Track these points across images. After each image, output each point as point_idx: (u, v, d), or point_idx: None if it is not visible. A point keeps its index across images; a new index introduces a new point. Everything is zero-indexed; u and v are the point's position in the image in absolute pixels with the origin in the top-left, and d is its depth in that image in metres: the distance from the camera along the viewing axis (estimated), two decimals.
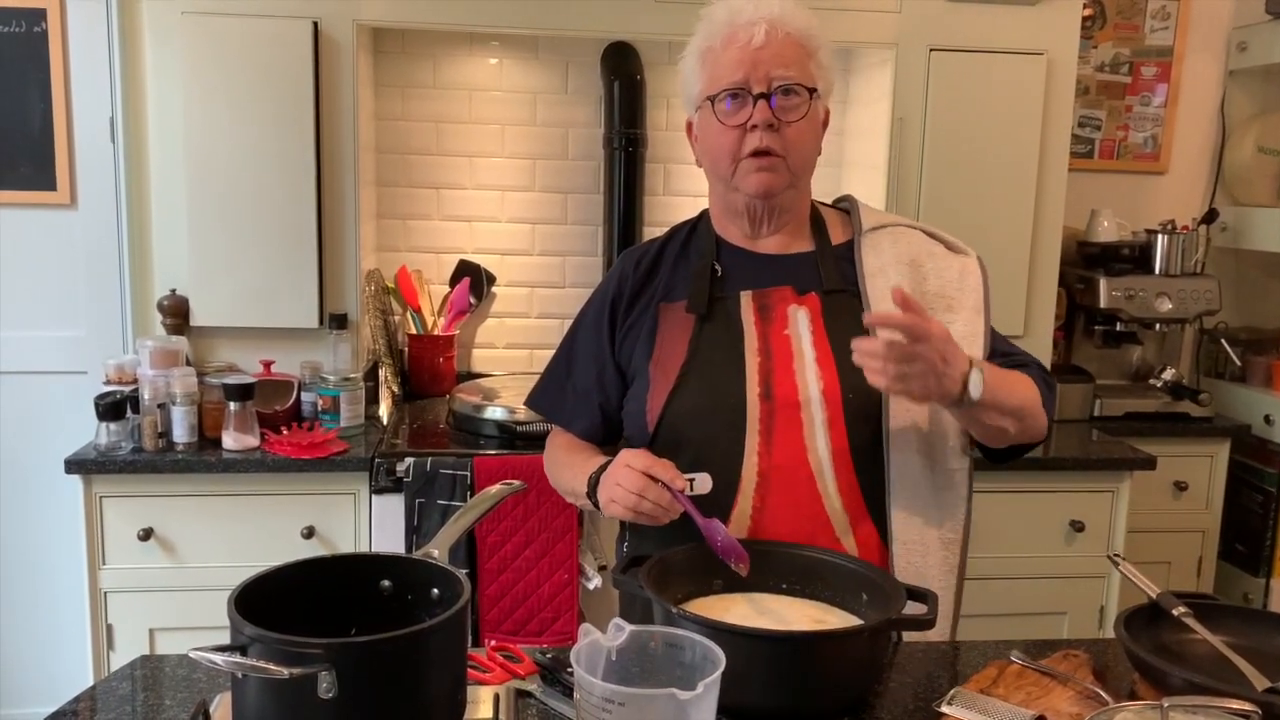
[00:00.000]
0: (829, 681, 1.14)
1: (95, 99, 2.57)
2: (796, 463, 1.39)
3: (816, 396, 1.40)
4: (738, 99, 1.40)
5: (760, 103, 1.39)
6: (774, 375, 1.42)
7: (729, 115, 1.41)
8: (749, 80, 1.39)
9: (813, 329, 1.44)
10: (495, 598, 2.29)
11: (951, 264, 1.51)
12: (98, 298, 2.63)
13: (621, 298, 1.53)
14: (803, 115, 1.41)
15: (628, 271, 1.55)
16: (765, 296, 1.47)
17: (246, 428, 2.37)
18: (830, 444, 1.40)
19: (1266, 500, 2.95)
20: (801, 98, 1.41)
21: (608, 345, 1.53)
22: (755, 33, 1.38)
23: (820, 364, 1.42)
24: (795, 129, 1.41)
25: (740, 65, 1.39)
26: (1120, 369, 3.12)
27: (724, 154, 1.43)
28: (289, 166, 2.49)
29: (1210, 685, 1.08)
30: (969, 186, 2.70)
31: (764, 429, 1.40)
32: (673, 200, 3.02)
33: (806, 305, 1.46)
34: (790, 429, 1.40)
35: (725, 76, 1.41)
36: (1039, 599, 2.61)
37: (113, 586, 2.33)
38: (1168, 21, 3.18)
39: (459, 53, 2.91)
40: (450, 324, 2.91)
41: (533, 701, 1.19)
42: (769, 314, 1.46)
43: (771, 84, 1.39)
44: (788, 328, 1.45)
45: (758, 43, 1.38)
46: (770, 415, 1.40)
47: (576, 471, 1.48)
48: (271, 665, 0.89)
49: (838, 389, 1.40)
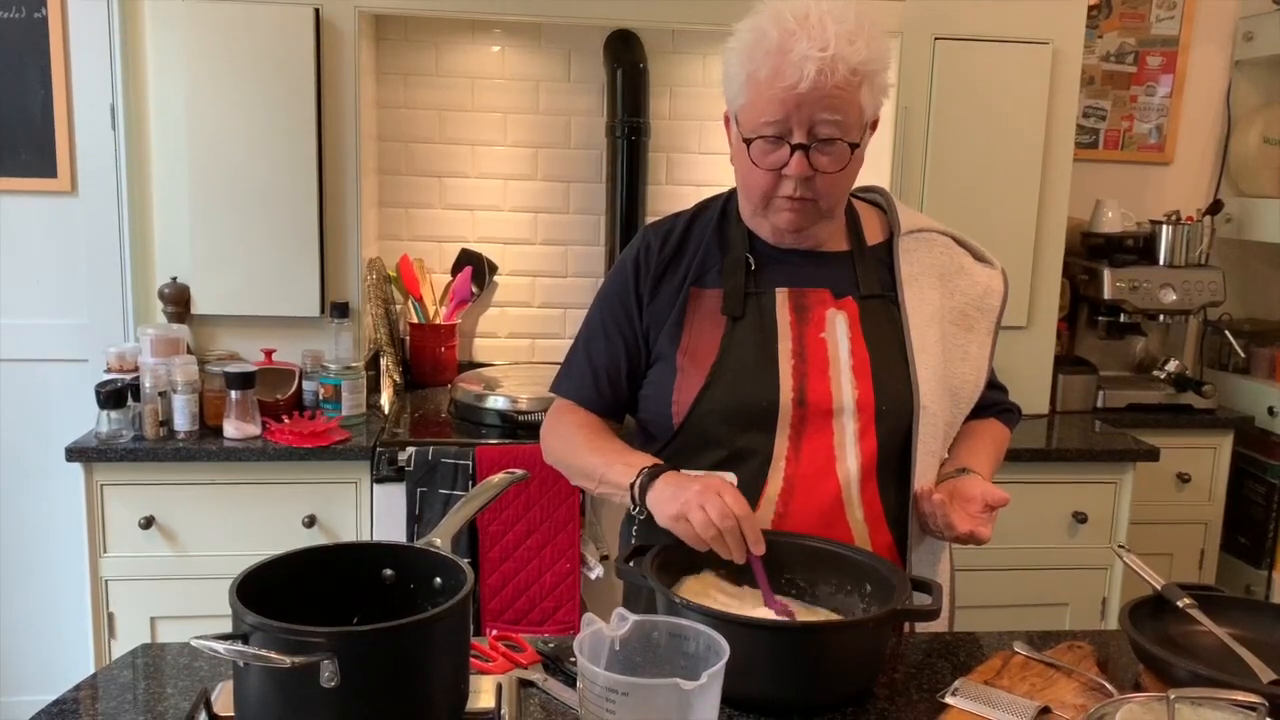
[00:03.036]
0: (833, 672, 1.14)
1: (96, 85, 2.56)
2: (824, 472, 1.37)
3: (850, 406, 1.38)
4: (775, 141, 1.32)
5: (798, 154, 1.31)
6: (809, 380, 1.38)
7: (763, 156, 1.34)
8: (789, 123, 1.30)
9: (850, 336, 1.41)
10: (497, 587, 2.29)
11: (977, 279, 1.51)
12: (99, 285, 2.62)
13: (647, 272, 1.47)
14: (840, 168, 1.34)
15: (653, 246, 1.48)
16: (802, 297, 1.43)
17: (248, 416, 2.36)
18: (860, 455, 1.38)
19: (1269, 492, 2.95)
20: (841, 149, 1.32)
21: (636, 317, 1.47)
22: (805, 73, 1.27)
23: (856, 372, 1.39)
24: (831, 179, 1.35)
25: (783, 106, 1.30)
26: (1124, 360, 3.12)
27: (755, 189, 1.38)
28: (290, 154, 2.48)
29: (1215, 677, 1.08)
30: (973, 176, 2.69)
31: (794, 435, 1.37)
32: (676, 189, 3.01)
33: (845, 310, 1.42)
34: (821, 437, 1.38)
35: (765, 114, 1.31)
36: (1041, 590, 2.61)
37: (114, 575, 2.33)
38: (1173, 11, 3.16)
39: (461, 40, 2.90)
40: (452, 313, 2.91)
41: (535, 691, 1.19)
42: (805, 315, 1.42)
43: (812, 133, 1.31)
44: (824, 331, 1.41)
45: (805, 87, 1.27)
46: (802, 421, 1.37)
47: (610, 459, 1.39)
48: (274, 654, 0.89)
49: (872, 400, 1.38)
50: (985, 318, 1.50)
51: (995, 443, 1.55)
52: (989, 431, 1.56)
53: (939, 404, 1.42)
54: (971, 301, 1.50)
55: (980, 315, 1.50)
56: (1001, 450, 1.57)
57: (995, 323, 1.52)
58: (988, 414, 1.56)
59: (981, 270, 1.52)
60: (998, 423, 1.59)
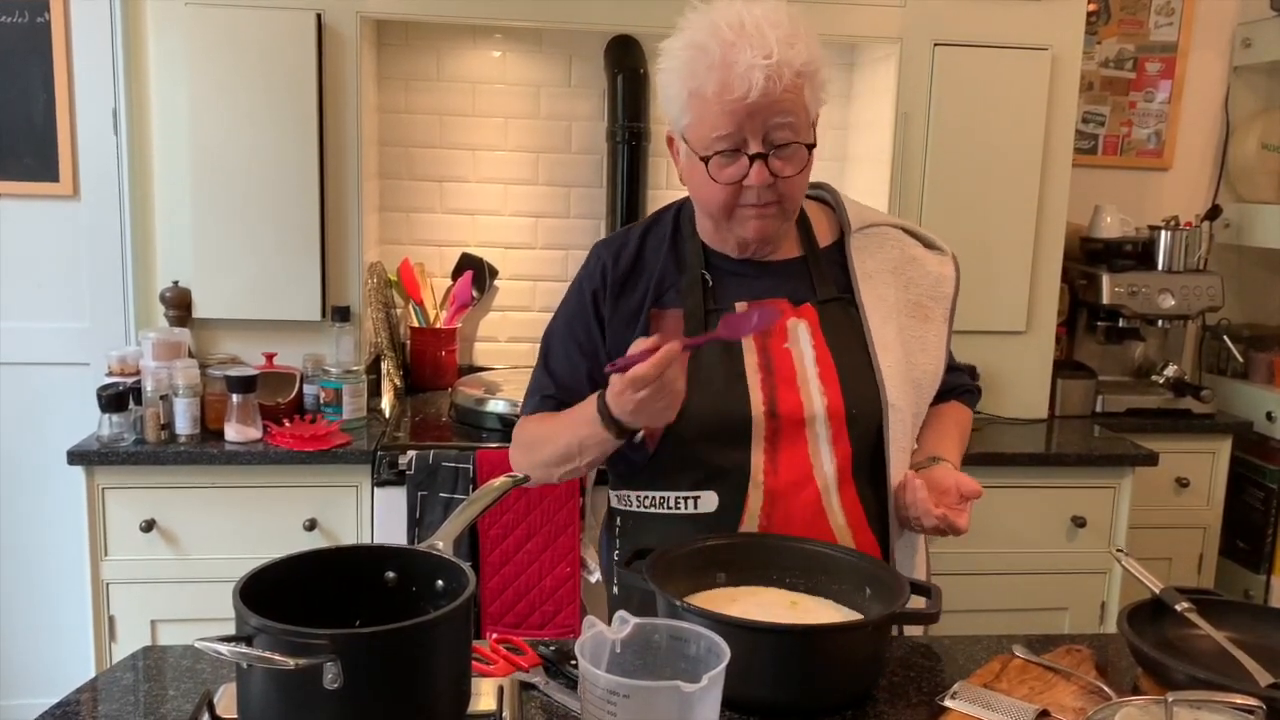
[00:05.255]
0: (833, 675, 1.15)
1: (98, 90, 2.57)
2: (803, 480, 1.38)
3: (821, 413, 1.39)
4: (731, 155, 1.32)
5: (757, 164, 1.31)
6: (778, 391, 1.39)
7: (721, 170, 1.33)
8: (743, 134, 1.30)
9: (814, 343, 1.41)
10: (497, 591, 2.29)
11: (930, 268, 1.52)
12: (100, 289, 2.63)
13: (604, 290, 1.46)
14: (799, 170, 1.34)
15: (608, 265, 1.47)
16: (762, 309, 1.43)
17: (249, 420, 2.36)
18: (835, 459, 1.39)
19: (1268, 497, 2.95)
20: (798, 151, 1.33)
21: (598, 337, 1.46)
22: (753, 82, 1.25)
23: (823, 379, 1.40)
24: (791, 182, 1.35)
25: (734, 118, 1.29)
26: (1122, 365, 3.12)
27: (715, 203, 1.37)
28: (292, 159, 2.49)
29: (1214, 680, 1.09)
30: (973, 182, 2.69)
31: (769, 447, 1.38)
32: (676, 194, 2.96)
33: (804, 317, 1.43)
34: (795, 445, 1.39)
35: (717, 129, 1.30)
36: (1040, 594, 2.62)
37: (115, 578, 2.34)
38: (1172, 17, 3.17)
39: (462, 45, 2.91)
40: (452, 317, 2.91)
41: (536, 694, 1.19)
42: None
43: (767, 140, 1.30)
44: (787, 341, 1.41)
45: (754, 96, 1.26)
46: (776, 433, 1.38)
47: (567, 421, 1.39)
48: (277, 656, 0.89)
49: (841, 405, 1.39)
50: (940, 305, 1.52)
51: (960, 426, 1.58)
52: (952, 416, 1.57)
53: (904, 399, 1.43)
54: (925, 291, 1.51)
55: (935, 304, 1.51)
56: (967, 432, 1.60)
57: (950, 309, 1.53)
58: (948, 398, 1.58)
59: (933, 258, 1.53)
60: (959, 405, 1.61)
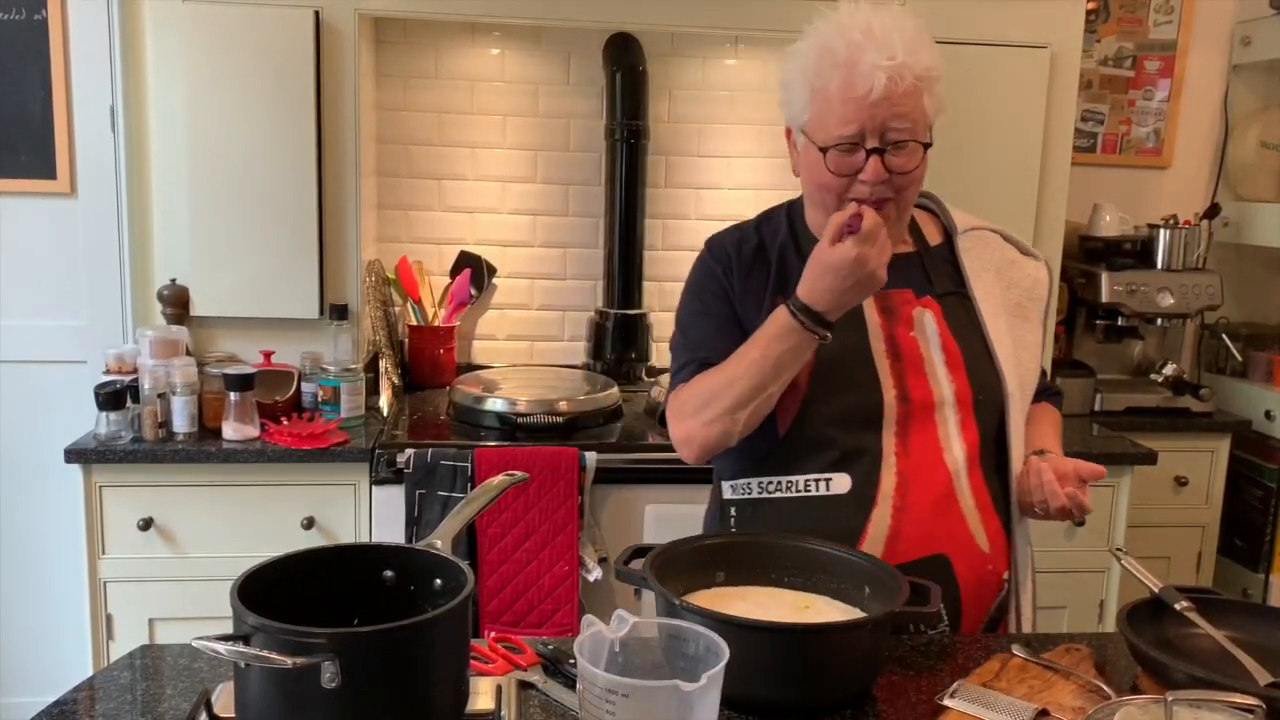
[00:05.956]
0: (832, 674, 1.14)
1: (96, 87, 2.56)
2: (934, 463, 1.42)
3: (950, 398, 1.44)
4: (850, 148, 1.37)
5: (873, 159, 1.36)
6: (907, 377, 1.44)
7: (838, 162, 1.38)
8: (863, 132, 1.36)
9: (940, 332, 1.47)
10: (495, 590, 2.29)
11: (1027, 271, 1.59)
12: (98, 287, 2.62)
13: (733, 268, 1.50)
14: (915, 166, 1.40)
15: (730, 249, 1.51)
16: (887, 299, 1.47)
17: (247, 418, 2.36)
18: (964, 444, 1.44)
19: (1266, 496, 2.95)
20: (914, 149, 1.39)
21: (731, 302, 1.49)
22: (875, 83, 1.33)
23: (950, 366, 1.45)
24: (906, 178, 1.40)
25: (855, 119, 1.35)
26: (1121, 364, 3.12)
27: (830, 193, 1.42)
28: (290, 156, 2.48)
29: (1213, 680, 1.08)
30: (971, 180, 2.68)
31: (900, 431, 1.42)
32: (675, 192, 3.02)
33: (929, 308, 1.49)
34: (926, 430, 1.43)
35: (838, 127, 1.37)
36: (1039, 593, 2.60)
37: (112, 576, 2.33)
38: (1171, 16, 3.17)
39: (461, 43, 2.90)
40: (451, 315, 2.91)
41: (535, 693, 1.19)
42: (893, 315, 1.47)
43: (885, 137, 1.36)
44: (914, 330, 1.47)
45: (876, 95, 1.33)
46: (907, 417, 1.42)
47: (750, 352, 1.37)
48: (275, 655, 0.89)
49: (969, 390, 1.45)
50: (1036, 307, 1.58)
51: (1056, 426, 1.64)
52: (1048, 417, 1.63)
53: (1019, 391, 1.49)
54: (1025, 293, 1.57)
55: (1032, 305, 1.58)
56: (1061, 432, 1.64)
57: (1045, 311, 1.59)
58: (1039, 400, 1.62)
59: (1028, 263, 1.60)
60: (1052, 406, 1.67)
